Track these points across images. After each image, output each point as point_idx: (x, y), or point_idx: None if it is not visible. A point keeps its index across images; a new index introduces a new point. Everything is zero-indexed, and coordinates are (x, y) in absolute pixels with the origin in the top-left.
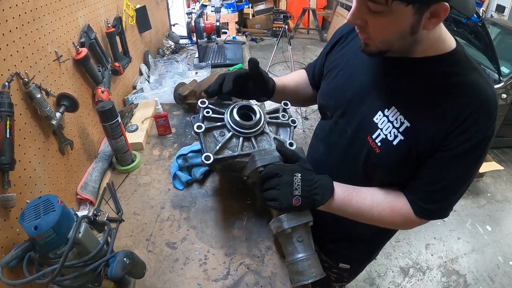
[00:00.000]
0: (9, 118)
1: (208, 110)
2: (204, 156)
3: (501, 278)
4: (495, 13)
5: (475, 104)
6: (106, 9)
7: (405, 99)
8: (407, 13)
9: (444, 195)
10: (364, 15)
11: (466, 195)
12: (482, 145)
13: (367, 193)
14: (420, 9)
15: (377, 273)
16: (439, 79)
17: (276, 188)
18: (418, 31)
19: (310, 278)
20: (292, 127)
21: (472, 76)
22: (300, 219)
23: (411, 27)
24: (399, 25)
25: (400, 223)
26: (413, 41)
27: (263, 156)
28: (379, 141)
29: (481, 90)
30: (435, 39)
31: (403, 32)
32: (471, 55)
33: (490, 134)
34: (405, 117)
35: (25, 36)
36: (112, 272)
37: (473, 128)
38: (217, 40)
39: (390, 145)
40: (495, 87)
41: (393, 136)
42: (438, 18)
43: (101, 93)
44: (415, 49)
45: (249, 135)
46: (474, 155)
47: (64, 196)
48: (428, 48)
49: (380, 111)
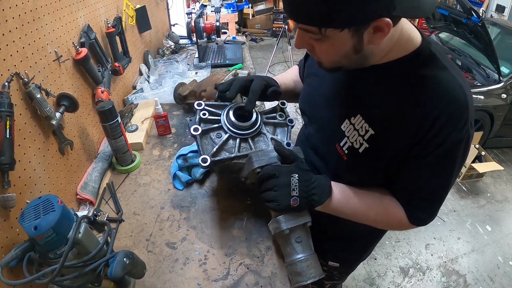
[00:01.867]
0: (9, 118)
1: (205, 112)
2: (201, 159)
3: (501, 278)
4: (495, 13)
5: (441, 106)
6: (106, 9)
7: (369, 106)
8: (344, 37)
9: (429, 201)
10: (308, 41)
11: (466, 195)
12: (458, 147)
13: (364, 194)
14: (356, 31)
15: (377, 273)
16: (402, 84)
17: (274, 189)
18: (362, 49)
19: (309, 278)
20: (289, 127)
21: (439, 75)
22: (298, 219)
23: (353, 48)
24: (340, 48)
25: (394, 225)
26: (362, 56)
27: (260, 157)
28: (346, 148)
29: (448, 90)
30: (392, 44)
31: (347, 53)
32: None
33: (465, 135)
34: (369, 125)
35: (25, 36)
36: (112, 272)
37: (444, 131)
38: (217, 40)
39: (356, 153)
40: (495, 87)
41: (359, 144)
42: (382, 32)
43: (101, 93)
44: (368, 61)
45: (246, 136)
46: (452, 159)
47: (64, 196)
48: (388, 53)
49: (347, 119)
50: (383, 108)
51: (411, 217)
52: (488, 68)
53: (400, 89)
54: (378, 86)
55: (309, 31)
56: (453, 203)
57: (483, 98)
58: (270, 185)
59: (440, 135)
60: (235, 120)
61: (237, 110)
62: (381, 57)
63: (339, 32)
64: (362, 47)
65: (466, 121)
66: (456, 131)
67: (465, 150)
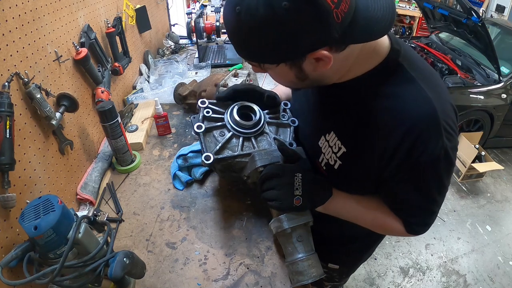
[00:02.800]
0: (9, 118)
1: (208, 110)
2: (204, 156)
3: (501, 278)
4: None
5: (406, 125)
6: (106, 9)
7: (341, 124)
8: (283, 69)
9: (418, 216)
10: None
11: (466, 195)
12: (436, 166)
13: (364, 198)
14: (293, 64)
15: (377, 273)
16: (366, 102)
17: (277, 188)
18: (307, 77)
19: (310, 278)
20: (292, 127)
21: (404, 91)
22: (300, 219)
23: (296, 77)
24: (284, 77)
25: (391, 232)
26: (312, 81)
27: (263, 156)
28: (324, 164)
29: (413, 107)
30: (350, 63)
31: (292, 81)
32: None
33: (441, 152)
34: (342, 143)
35: (25, 36)
36: (112, 272)
37: (414, 153)
38: (217, 40)
39: (332, 169)
40: (495, 87)
41: (333, 161)
42: (324, 61)
43: (101, 93)
44: (326, 81)
45: (249, 135)
46: (433, 178)
47: (64, 196)
48: (347, 73)
49: (322, 136)
50: (352, 126)
51: (407, 228)
52: (488, 68)
53: (364, 108)
54: (344, 103)
55: (252, 65)
56: (453, 203)
57: (483, 98)
58: (273, 184)
59: (411, 156)
60: (238, 119)
61: (241, 109)
62: (340, 76)
63: (276, 66)
64: (306, 76)
65: (439, 136)
66: (429, 150)
67: (447, 165)
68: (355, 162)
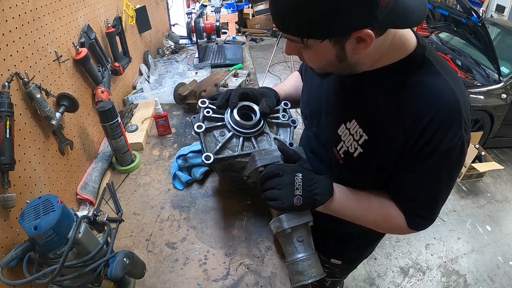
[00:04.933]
0: (9, 118)
1: (209, 110)
2: (204, 156)
3: (501, 278)
4: (495, 13)
5: (432, 112)
6: (106, 9)
7: (364, 112)
8: (326, 47)
9: (425, 208)
10: (295, 49)
11: (466, 195)
12: (451, 156)
13: (365, 197)
14: (337, 41)
15: (377, 273)
16: (394, 90)
17: (277, 188)
18: (346, 59)
19: (310, 278)
20: (292, 127)
21: (430, 80)
22: (301, 219)
23: (336, 57)
24: (323, 56)
25: (394, 229)
26: (348, 65)
27: (263, 156)
28: (342, 152)
29: (439, 96)
30: (382, 52)
31: (331, 62)
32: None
33: (459, 143)
34: (363, 130)
35: (25, 36)
36: (112, 272)
37: (435, 139)
38: (217, 40)
39: (351, 157)
40: (495, 87)
41: (354, 148)
42: (365, 43)
43: (101, 93)
44: (358, 69)
45: (249, 135)
46: (445, 167)
47: (64, 196)
48: (378, 61)
49: (343, 124)
50: (376, 114)
51: (410, 222)
52: (488, 68)
53: (391, 96)
54: (370, 92)
55: (293, 41)
56: (453, 203)
57: (483, 98)
58: (274, 184)
59: (431, 142)
60: (239, 119)
61: (241, 109)
62: (371, 64)
63: (320, 42)
64: (345, 57)
65: (459, 127)
66: (448, 139)
67: (460, 157)
68: (376, 149)
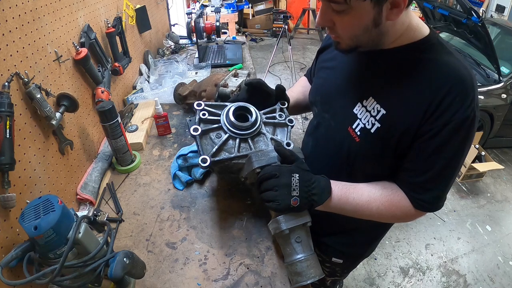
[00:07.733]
0: (9, 118)
1: (204, 112)
2: (201, 159)
3: (501, 278)
4: (495, 13)
5: (449, 84)
6: (106, 9)
7: (381, 88)
8: (367, 8)
9: (435, 183)
10: (330, 16)
11: (466, 195)
12: (464, 126)
13: (364, 188)
14: (378, 2)
15: (377, 273)
16: (412, 66)
17: (274, 189)
18: (381, 23)
19: (309, 278)
20: (289, 126)
21: (445, 58)
22: (298, 219)
23: (373, 20)
24: (361, 20)
25: (399, 216)
26: (379, 33)
27: (260, 157)
28: (358, 130)
29: (455, 70)
30: (403, 29)
31: (367, 26)
32: (447, 42)
33: (472, 114)
34: (381, 106)
35: (25, 36)
36: (112, 272)
37: (451, 109)
38: (217, 40)
39: (368, 133)
40: (495, 87)
41: (371, 124)
42: (399, 8)
43: (101, 93)
44: (383, 41)
45: (245, 136)
46: (458, 138)
47: (64, 196)
48: (398, 38)
49: (359, 102)
50: (394, 89)
51: (416, 201)
52: (488, 68)
53: (410, 71)
54: (389, 68)
55: (334, 2)
56: (453, 203)
57: (483, 98)
58: (270, 185)
59: (447, 112)
60: (234, 120)
61: (237, 110)
62: (392, 40)
63: (363, 1)
64: (381, 20)
65: (472, 100)
66: (462, 109)
67: (470, 131)
68: (394, 123)
